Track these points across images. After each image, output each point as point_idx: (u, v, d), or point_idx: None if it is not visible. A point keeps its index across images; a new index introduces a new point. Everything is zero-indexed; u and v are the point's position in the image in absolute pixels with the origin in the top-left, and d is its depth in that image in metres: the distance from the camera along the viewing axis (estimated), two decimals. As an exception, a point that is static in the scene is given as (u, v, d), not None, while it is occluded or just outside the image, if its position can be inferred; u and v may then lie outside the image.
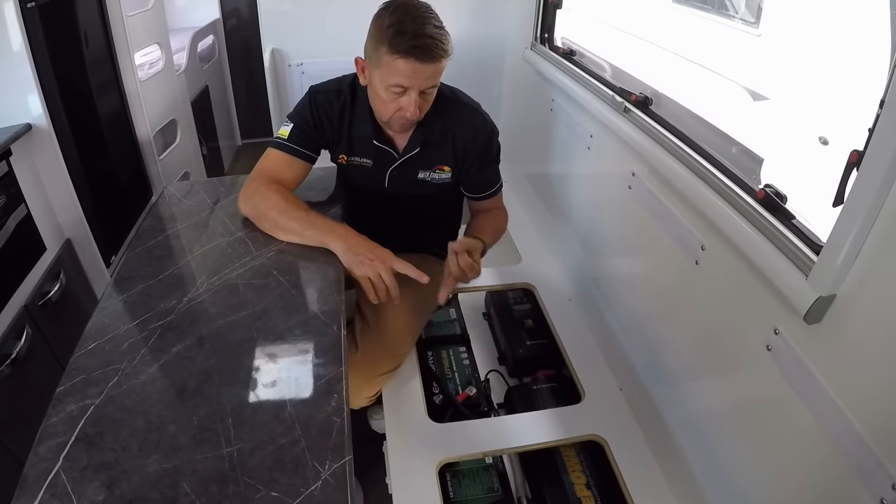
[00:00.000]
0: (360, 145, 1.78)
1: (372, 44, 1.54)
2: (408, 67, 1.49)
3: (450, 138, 1.77)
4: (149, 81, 3.08)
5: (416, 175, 1.82)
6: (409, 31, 1.46)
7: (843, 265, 1.04)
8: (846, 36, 2.73)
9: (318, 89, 1.77)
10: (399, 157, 1.79)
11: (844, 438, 1.05)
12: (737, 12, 3.72)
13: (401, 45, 1.46)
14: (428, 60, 1.49)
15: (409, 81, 1.52)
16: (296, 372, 1.18)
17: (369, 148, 1.77)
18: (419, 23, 1.47)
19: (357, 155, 1.80)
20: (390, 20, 1.48)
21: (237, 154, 5.05)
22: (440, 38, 1.49)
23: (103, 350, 1.20)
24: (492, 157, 1.87)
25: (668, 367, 1.74)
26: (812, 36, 3.00)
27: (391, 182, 1.82)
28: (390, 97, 1.57)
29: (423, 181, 1.83)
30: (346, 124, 1.76)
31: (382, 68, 1.52)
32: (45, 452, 0.99)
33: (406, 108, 1.57)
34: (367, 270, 1.51)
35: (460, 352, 2.19)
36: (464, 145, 1.79)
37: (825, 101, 2.83)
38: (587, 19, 4.51)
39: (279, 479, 0.95)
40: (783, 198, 1.31)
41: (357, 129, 1.75)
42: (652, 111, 1.93)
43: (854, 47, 2.65)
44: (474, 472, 1.79)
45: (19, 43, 2.03)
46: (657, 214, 1.77)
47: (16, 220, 1.99)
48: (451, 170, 1.83)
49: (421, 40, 1.46)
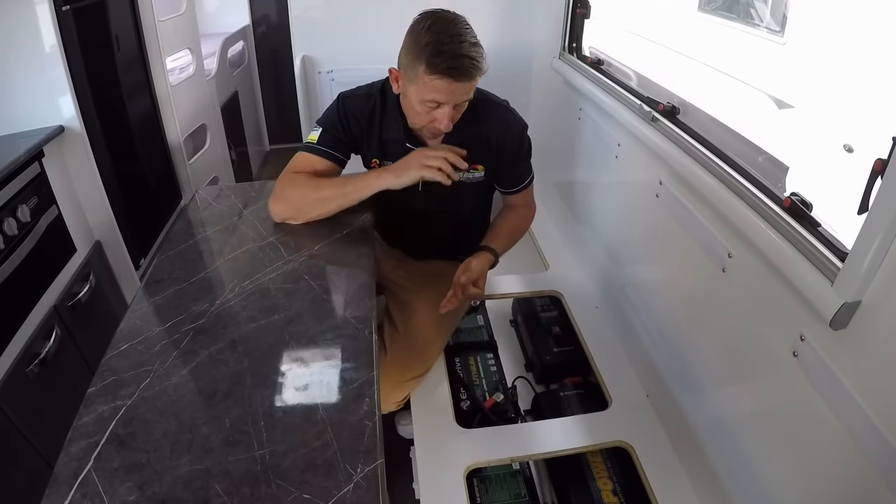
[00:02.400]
0: (391, 149, 1.77)
1: (408, 58, 1.54)
2: (444, 86, 1.50)
3: (483, 137, 1.77)
4: (179, 86, 3.11)
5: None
6: (447, 51, 1.46)
7: (869, 271, 1.05)
8: (871, 44, 2.70)
9: (346, 94, 1.78)
10: None
11: (871, 443, 1.05)
12: (762, 21, 3.71)
13: (439, 66, 1.47)
14: (464, 80, 1.50)
15: (444, 98, 1.53)
16: (327, 376, 1.18)
17: (401, 151, 1.74)
18: (456, 41, 1.47)
19: (390, 158, 1.77)
20: (427, 38, 1.48)
21: (265, 159, 5.08)
22: (476, 58, 1.49)
23: (135, 351, 1.21)
24: (524, 153, 1.87)
25: (694, 373, 1.73)
26: (837, 44, 2.98)
27: (425, 185, 1.79)
28: (424, 110, 1.58)
29: (459, 182, 1.81)
30: (376, 128, 1.76)
31: (418, 84, 1.53)
32: (77, 452, 0.99)
33: (440, 120, 1.58)
34: (419, 168, 1.58)
35: (488, 358, 2.19)
36: (497, 143, 1.79)
37: (850, 110, 2.81)
38: (615, 29, 4.51)
39: (311, 481, 0.95)
40: (808, 206, 1.31)
41: (388, 132, 1.75)
42: (679, 120, 1.92)
43: (879, 55, 2.63)
44: (501, 477, 1.79)
45: (53, 45, 2.06)
46: (684, 222, 1.76)
47: (47, 220, 2.02)
48: (484, 168, 1.83)
49: (458, 60, 1.47)
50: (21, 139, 1.99)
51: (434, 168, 1.55)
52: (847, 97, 2.84)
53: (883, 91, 2.52)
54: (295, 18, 2.89)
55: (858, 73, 2.77)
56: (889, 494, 1.02)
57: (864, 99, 2.71)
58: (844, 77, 2.87)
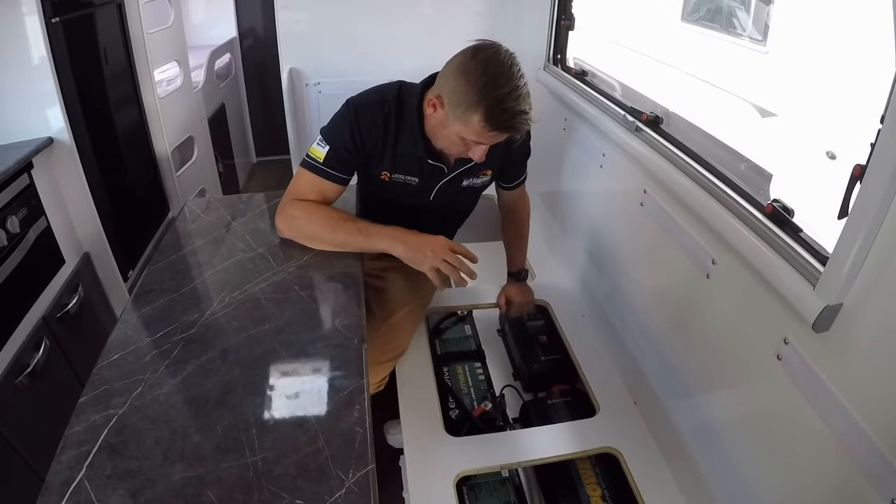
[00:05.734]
0: (405, 163, 1.75)
1: (460, 99, 1.49)
2: (495, 137, 1.53)
3: (499, 146, 1.69)
4: (167, 98, 3.12)
5: (462, 183, 1.85)
6: (509, 109, 1.44)
7: (849, 275, 1.07)
8: (852, 52, 2.75)
9: (359, 103, 1.69)
10: (450, 172, 1.80)
11: (855, 443, 1.07)
12: (744, 30, 3.75)
13: (497, 123, 1.47)
14: (516, 134, 1.53)
15: (490, 142, 1.56)
16: (318, 384, 1.19)
17: (416, 166, 1.75)
18: (514, 96, 1.44)
19: (401, 172, 1.77)
20: (486, 86, 1.44)
21: (252, 171, 5.10)
22: (530, 112, 1.48)
23: (126, 361, 1.21)
24: (529, 152, 1.98)
25: (681, 379, 1.75)
26: (818, 53, 3.02)
27: (438, 195, 1.84)
28: (463, 144, 1.59)
29: (467, 188, 1.87)
30: (391, 141, 1.71)
31: (468, 126, 1.50)
32: (69, 461, 0.99)
33: (475, 154, 1.60)
34: (433, 262, 1.56)
35: (476, 367, 2.20)
36: (508, 146, 1.77)
37: (832, 117, 2.85)
38: (599, 40, 4.54)
39: (304, 486, 0.96)
40: (790, 212, 1.34)
41: (404, 147, 1.71)
42: (663, 129, 1.95)
43: (859, 63, 2.67)
44: (491, 485, 1.80)
45: (42, 57, 2.07)
46: (669, 230, 1.78)
47: (36, 232, 2.02)
48: (492, 173, 1.90)
49: (518, 119, 1.46)
50: (10, 150, 2.00)
51: (434, 272, 1.57)
52: (829, 105, 2.89)
53: (864, 98, 2.56)
54: (282, 31, 2.91)
55: (840, 80, 2.81)
56: (873, 493, 1.03)
57: (846, 106, 2.75)
58: (827, 85, 2.91)
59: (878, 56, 2.53)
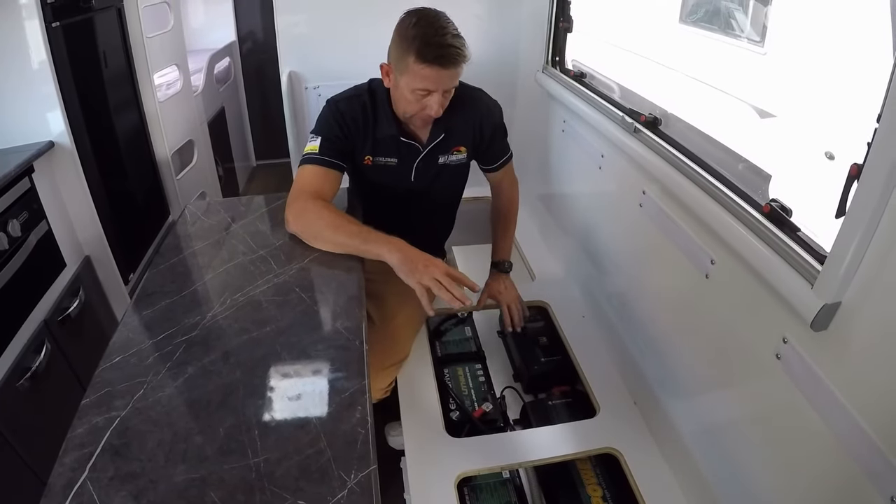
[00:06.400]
0: (384, 145, 1.88)
1: (398, 52, 1.65)
2: (433, 74, 1.62)
3: (468, 121, 1.91)
4: (167, 102, 3.13)
5: (437, 161, 1.93)
6: (434, 42, 1.59)
7: (847, 273, 1.07)
8: (850, 52, 2.75)
9: (337, 98, 1.86)
10: (424, 148, 1.89)
11: (855, 441, 1.07)
12: (742, 32, 3.75)
13: (427, 55, 1.59)
14: (451, 67, 1.63)
15: (434, 86, 1.66)
16: (320, 385, 1.19)
17: (393, 146, 1.88)
18: (441, 33, 1.60)
19: (382, 155, 1.89)
20: (415, 31, 1.60)
21: (252, 175, 5.10)
22: (460, 46, 1.61)
23: (128, 364, 1.22)
24: (503, 130, 2.05)
25: (680, 379, 1.76)
26: (817, 53, 3.02)
27: (417, 174, 1.92)
28: (416, 98, 1.69)
29: (444, 165, 1.95)
30: (370, 127, 1.84)
31: (409, 74, 1.64)
32: (71, 463, 1.00)
33: (430, 107, 1.70)
34: (421, 277, 1.57)
35: (476, 369, 2.20)
36: (480, 124, 1.94)
37: (831, 117, 2.85)
38: (597, 42, 4.54)
39: (306, 487, 0.96)
40: (788, 211, 1.34)
41: (381, 131, 1.84)
42: (661, 131, 1.96)
43: (858, 63, 2.67)
44: (492, 486, 1.80)
45: (43, 61, 2.08)
46: (668, 231, 1.79)
47: (37, 235, 2.03)
48: (465, 150, 1.97)
49: (445, 50, 1.59)
50: (11, 154, 2.00)
51: (421, 287, 1.58)
52: (828, 105, 2.88)
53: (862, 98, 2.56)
54: (282, 34, 2.91)
55: (838, 80, 2.81)
56: (873, 491, 1.03)
57: (844, 106, 2.75)
58: (825, 85, 2.91)
59: (876, 55, 2.54)
